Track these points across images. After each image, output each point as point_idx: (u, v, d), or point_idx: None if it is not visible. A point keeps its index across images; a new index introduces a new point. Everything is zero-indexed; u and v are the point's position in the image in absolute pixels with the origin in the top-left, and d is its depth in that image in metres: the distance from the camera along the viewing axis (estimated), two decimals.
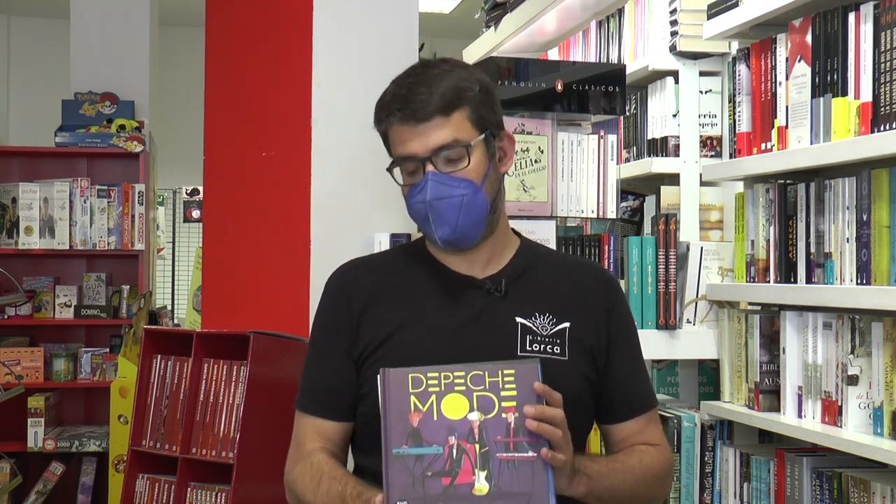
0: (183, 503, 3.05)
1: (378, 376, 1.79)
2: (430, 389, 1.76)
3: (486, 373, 1.78)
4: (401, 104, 1.94)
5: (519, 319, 1.97)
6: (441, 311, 1.98)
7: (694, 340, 3.20)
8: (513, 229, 2.11)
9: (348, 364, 2.00)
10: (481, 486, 1.72)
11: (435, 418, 1.75)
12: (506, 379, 1.78)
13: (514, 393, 1.77)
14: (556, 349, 1.96)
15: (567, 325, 1.98)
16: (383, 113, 1.98)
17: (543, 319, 1.98)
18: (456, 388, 1.77)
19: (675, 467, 3.13)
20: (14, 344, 6.05)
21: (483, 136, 1.96)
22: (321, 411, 2.02)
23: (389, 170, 1.99)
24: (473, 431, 1.75)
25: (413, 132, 1.93)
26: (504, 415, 1.75)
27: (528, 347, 1.95)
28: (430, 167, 1.93)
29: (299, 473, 1.99)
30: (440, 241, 1.95)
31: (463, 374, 1.77)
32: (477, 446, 1.74)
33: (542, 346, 1.96)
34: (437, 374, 1.77)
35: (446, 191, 1.92)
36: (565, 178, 2.97)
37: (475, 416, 1.75)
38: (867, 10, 2.56)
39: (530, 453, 1.74)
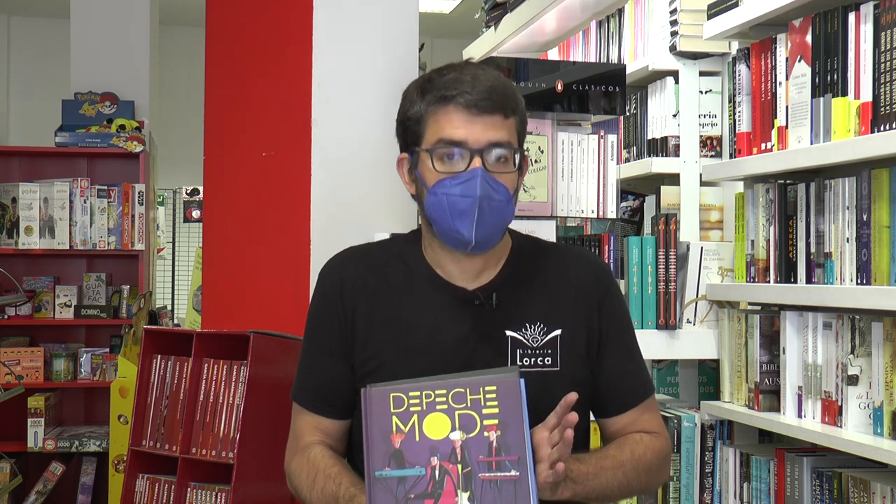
0: (183, 503, 3.05)
1: (361, 393, 1.78)
2: (412, 409, 1.75)
3: (468, 390, 1.76)
4: (468, 89, 1.87)
5: (509, 333, 1.94)
6: (432, 325, 1.95)
7: (694, 340, 3.20)
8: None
9: (343, 363, 1.98)
10: None
11: (417, 439, 1.74)
12: (487, 396, 1.76)
13: (497, 410, 1.75)
14: (548, 360, 1.95)
15: (558, 332, 1.96)
16: (437, 93, 1.89)
17: (534, 330, 1.95)
18: (438, 407, 1.75)
19: (675, 467, 3.13)
20: (14, 344, 6.05)
21: (521, 149, 1.94)
22: (317, 408, 2.01)
23: (428, 150, 1.89)
24: (456, 451, 1.73)
25: (470, 120, 1.87)
26: (486, 433, 1.74)
27: (518, 362, 1.94)
28: (477, 161, 1.86)
29: (297, 467, 1.99)
30: (474, 240, 1.88)
31: (445, 392, 1.76)
32: (459, 467, 1.73)
33: (534, 360, 1.95)
34: (418, 393, 1.76)
35: (492, 193, 1.87)
36: (565, 178, 2.97)
37: (457, 436, 1.74)
38: (867, 10, 2.56)
39: (512, 472, 1.73)
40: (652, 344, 3.12)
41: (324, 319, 2.01)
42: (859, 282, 2.58)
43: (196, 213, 8.76)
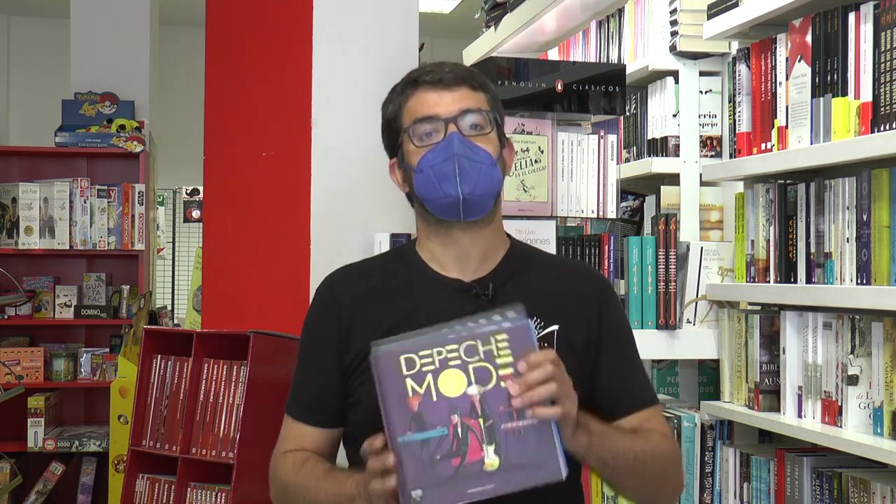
0: (183, 503, 3.05)
1: (370, 360, 1.76)
2: (425, 369, 1.73)
3: (479, 342, 1.74)
4: (430, 70, 1.96)
5: None
6: (430, 318, 1.92)
7: (694, 340, 3.20)
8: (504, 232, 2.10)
9: (337, 373, 1.99)
10: (491, 460, 1.70)
11: (434, 399, 1.71)
12: (500, 345, 1.74)
13: (510, 359, 1.73)
14: None
15: (556, 327, 1.97)
16: (406, 82, 1.98)
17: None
18: (451, 364, 1.73)
19: None
20: (14, 344, 6.05)
21: (499, 123, 1.99)
22: (308, 418, 2.02)
23: (406, 131, 1.96)
24: (475, 406, 1.71)
25: (439, 96, 1.95)
26: (502, 383, 1.72)
27: None
28: (452, 128, 1.93)
29: (281, 461, 2.00)
30: (463, 196, 1.91)
31: (456, 346, 1.73)
32: (481, 420, 1.71)
33: None
34: (430, 352, 1.73)
35: (470, 153, 1.92)
36: (565, 178, 2.97)
37: (474, 390, 1.71)
38: (867, 10, 2.56)
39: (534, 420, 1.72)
40: (652, 344, 3.12)
41: (319, 330, 2.03)
42: (859, 282, 2.58)
43: (196, 213, 8.76)
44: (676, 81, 3.51)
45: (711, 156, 3.48)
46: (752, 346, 3.01)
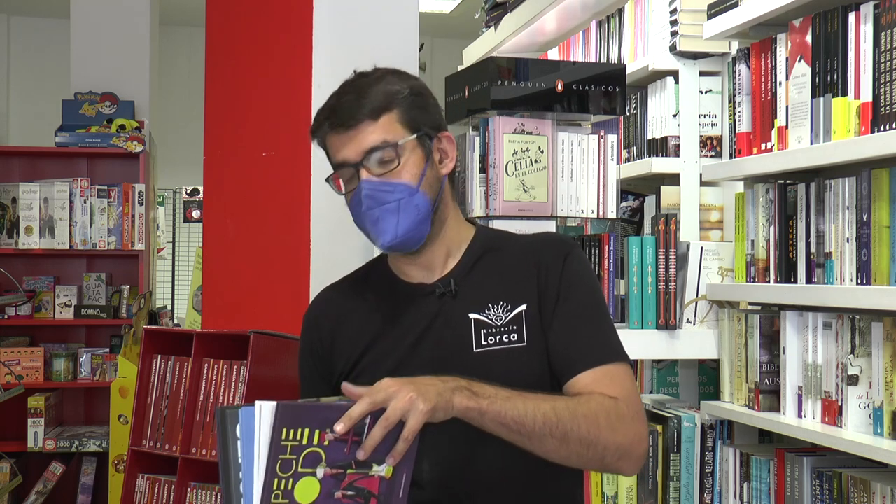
0: (183, 503, 3.05)
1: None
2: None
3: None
4: (329, 113, 2.00)
5: (472, 316, 1.97)
6: (400, 325, 2.00)
7: (694, 340, 3.20)
8: (469, 219, 2.11)
9: (328, 391, 2.03)
10: None
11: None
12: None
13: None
14: (514, 336, 1.96)
15: (523, 307, 1.97)
16: (316, 125, 2.02)
17: (497, 309, 1.97)
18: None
19: (675, 467, 3.12)
20: (14, 344, 6.06)
21: (415, 136, 1.98)
22: None
23: (328, 180, 2.02)
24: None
25: (344, 139, 1.97)
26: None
27: (483, 342, 1.95)
28: (363, 173, 1.95)
29: None
30: (383, 247, 1.98)
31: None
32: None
33: (498, 337, 1.96)
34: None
35: (382, 196, 1.95)
36: (565, 178, 2.97)
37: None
38: (867, 10, 2.56)
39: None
40: (652, 344, 3.12)
41: (306, 354, 2.11)
42: (859, 282, 2.58)
43: (196, 213, 8.76)
44: (676, 81, 3.50)
45: (711, 156, 3.48)
46: (752, 346, 3.01)
